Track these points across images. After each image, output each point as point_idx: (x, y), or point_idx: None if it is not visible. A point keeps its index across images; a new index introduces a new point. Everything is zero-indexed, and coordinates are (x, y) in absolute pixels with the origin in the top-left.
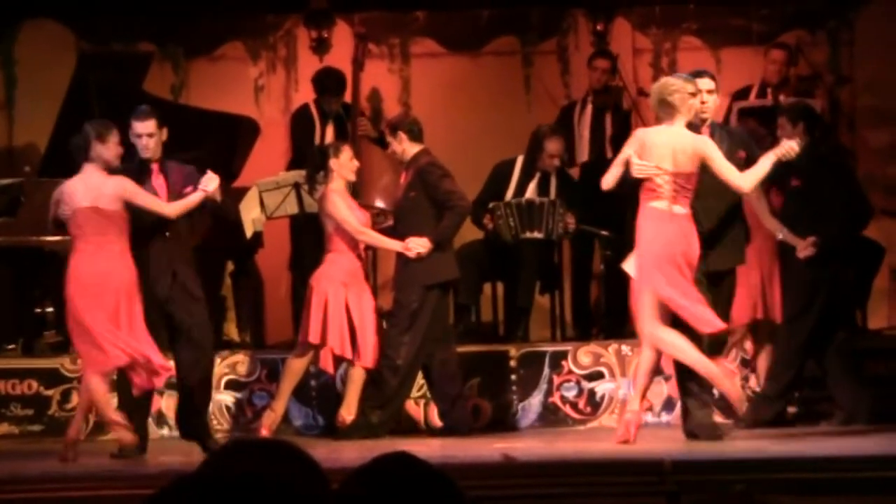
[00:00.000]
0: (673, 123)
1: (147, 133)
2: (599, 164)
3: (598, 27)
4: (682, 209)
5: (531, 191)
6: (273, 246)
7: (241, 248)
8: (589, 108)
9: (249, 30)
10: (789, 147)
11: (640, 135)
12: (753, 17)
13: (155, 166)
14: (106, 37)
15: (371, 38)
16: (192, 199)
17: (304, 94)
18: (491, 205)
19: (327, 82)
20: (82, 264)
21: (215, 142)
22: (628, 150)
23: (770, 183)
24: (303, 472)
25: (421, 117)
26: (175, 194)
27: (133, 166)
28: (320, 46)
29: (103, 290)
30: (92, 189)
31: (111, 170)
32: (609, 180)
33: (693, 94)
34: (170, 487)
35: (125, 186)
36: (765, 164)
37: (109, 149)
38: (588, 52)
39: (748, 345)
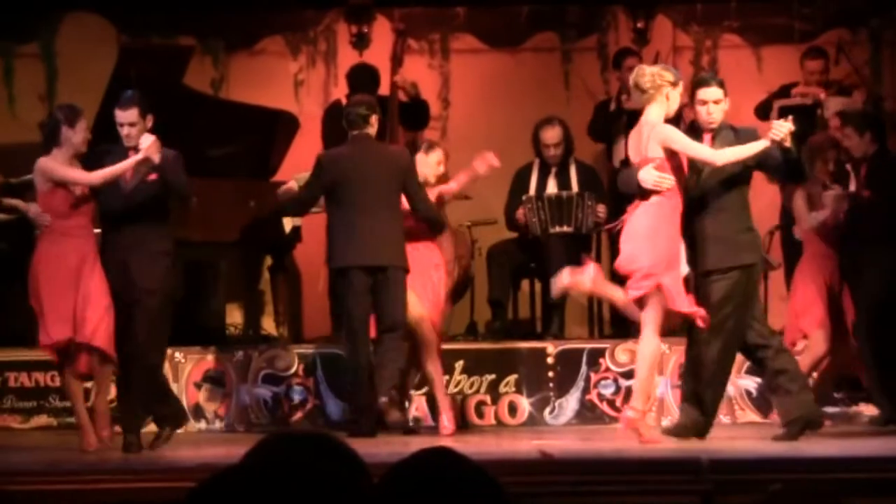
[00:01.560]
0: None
1: (129, 122)
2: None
3: (639, 24)
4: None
5: (551, 186)
6: (311, 241)
7: (278, 243)
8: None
9: (290, 24)
10: (782, 127)
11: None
12: (795, 16)
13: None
14: (147, 30)
15: (411, 34)
16: (123, 164)
17: (344, 89)
18: (524, 197)
19: (360, 78)
20: (45, 246)
21: (254, 136)
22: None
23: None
24: (345, 465)
25: (460, 113)
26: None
27: (118, 152)
28: (360, 41)
29: (60, 271)
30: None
31: (81, 154)
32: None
33: (673, 84)
34: (212, 480)
35: (47, 166)
36: (756, 145)
37: (77, 134)
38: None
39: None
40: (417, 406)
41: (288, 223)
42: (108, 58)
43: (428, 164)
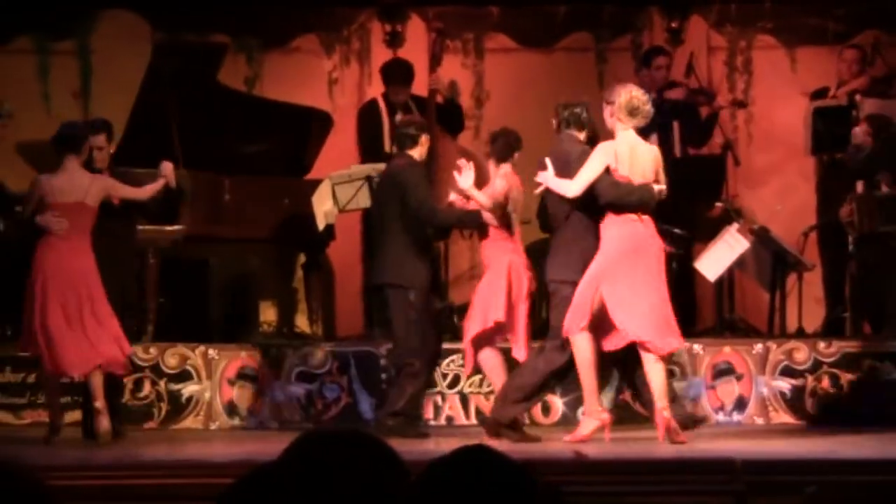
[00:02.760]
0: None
1: (97, 147)
2: (668, 163)
3: (673, 24)
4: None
5: None
6: (345, 239)
7: (312, 241)
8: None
9: (324, 23)
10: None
11: (612, 147)
12: (830, 16)
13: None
14: (181, 27)
15: (448, 34)
16: (157, 185)
17: (377, 88)
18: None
19: (395, 72)
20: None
21: (288, 134)
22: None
23: None
24: (382, 462)
25: (493, 113)
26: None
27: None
28: (394, 40)
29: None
30: (78, 185)
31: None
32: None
33: None
34: (250, 476)
35: (109, 183)
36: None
37: (100, 147)
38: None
39: None
40: (451, 405)
41: (321, 221)
42: (143, 55)
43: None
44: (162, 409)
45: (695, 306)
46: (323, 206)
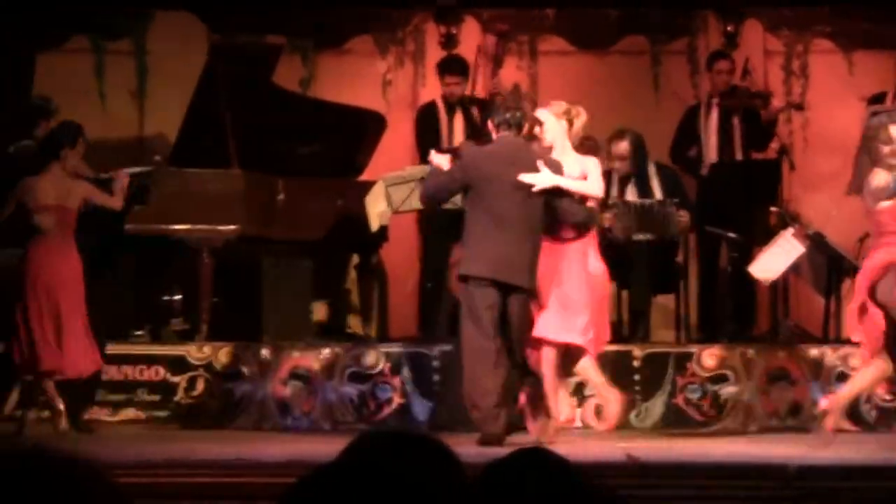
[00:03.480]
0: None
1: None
2: (728, 166)
3: (729, 28)
4: None
5: (630, 191)
6: (398, 240)
7: (365, 242)
8: (715, 110)
9: (379, 24)
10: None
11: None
12: (887, 21)
13: None
14: (236, 28)
15: (500, 35)
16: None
17: (432, 90)
18: (610, 202)
19: (450, 63)
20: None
21: (342, 135)
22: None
23: None
24: (442, 464)
25: None
26: None
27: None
28: (449, 42)
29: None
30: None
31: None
32: None
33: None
34: (311, 477)
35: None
36: None
37: (79, 152)
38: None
39: None
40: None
41: (375, 222)
42: (199, 56)
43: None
44: (214, 408)
45: (750, 311)
46: (376, 208)
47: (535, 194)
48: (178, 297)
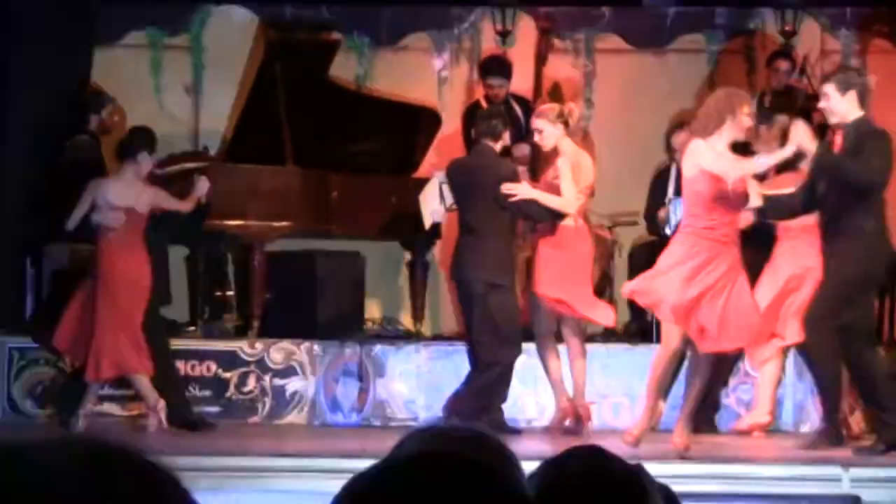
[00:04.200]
0: None
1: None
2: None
3: (787, 27)
4: None
5: None
6: (452, 238)
7: (419, 239)
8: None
9: (435, 21)
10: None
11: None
12: None
13: None
14: (293, 24)
15: (556, 33)
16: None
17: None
18: (666, 199)
19: (491, 63)
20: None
21: (397, 132)
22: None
23: None
24: (502, 461)
25: (603, 113)
26: None
27: None
28: (505, 39)
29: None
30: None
31: None
32: None
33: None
34: (371, 472)
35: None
36: None
37: (153, 158)
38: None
39: None
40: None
41: (428, 219)
42: (255, 51)
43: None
44: (266, 404)
45: None
46: (430, 205)
47: (510, 202)
48: (230, 293)
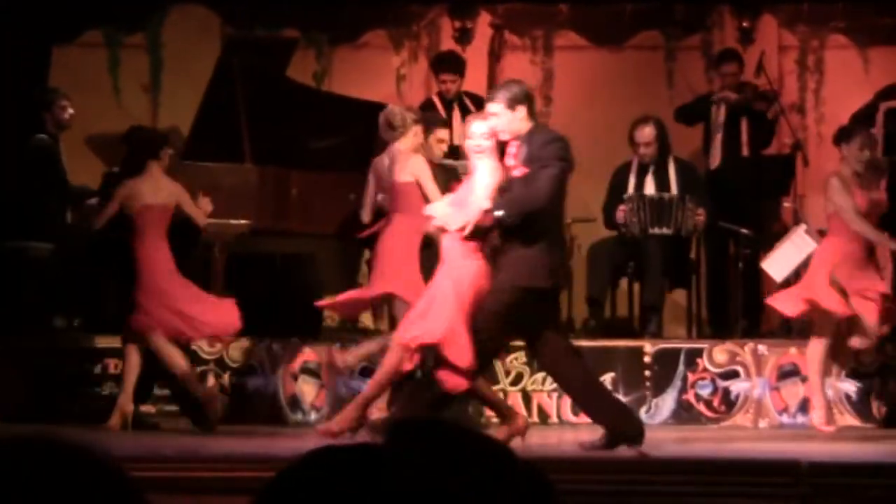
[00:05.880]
0: None
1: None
2: (734, 162)
3: (744, 23)
4: None
5: (649, 185)
6: None
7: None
8: (723, 107)
9: (393, 19)
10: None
11: None
12: None
13: None
14: (251, 22)
15: (514, 30)
16: None
17: None
18: (625, 196)
19: (443, 59)
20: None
21: (355, 129)
22: None
23: None
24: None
25: (562, 110)
26: None
27: None
28: (463, 37)
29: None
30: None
31: None
32: None
33: (417, 122)
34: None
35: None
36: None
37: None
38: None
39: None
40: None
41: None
42: (213, 49)
43: (852, 156)
44: (225, 403)
45: (761, 307)
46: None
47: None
48: None
